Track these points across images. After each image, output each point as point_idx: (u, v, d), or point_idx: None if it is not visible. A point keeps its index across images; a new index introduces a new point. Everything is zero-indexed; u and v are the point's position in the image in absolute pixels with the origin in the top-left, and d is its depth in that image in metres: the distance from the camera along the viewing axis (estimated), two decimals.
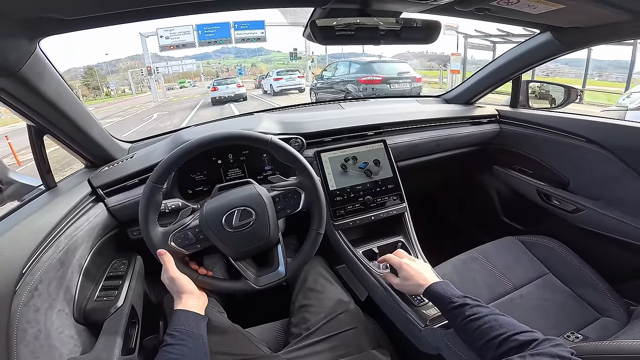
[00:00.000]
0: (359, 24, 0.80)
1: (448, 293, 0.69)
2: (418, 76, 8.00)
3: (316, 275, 0.98)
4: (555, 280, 1.05)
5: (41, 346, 0.61)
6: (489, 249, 1.17)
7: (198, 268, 0.83)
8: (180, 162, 0.78)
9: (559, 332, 0.87)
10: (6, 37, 0.56)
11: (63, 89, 0.78)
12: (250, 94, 17.49)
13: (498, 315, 0.62)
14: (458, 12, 0.82)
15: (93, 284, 0.83)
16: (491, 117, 1.49)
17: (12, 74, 0.62)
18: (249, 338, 0.83)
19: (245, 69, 54.85)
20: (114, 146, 1.10)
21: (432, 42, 0.89)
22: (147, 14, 0.64)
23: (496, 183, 1.61)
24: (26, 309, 0.60)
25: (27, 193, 0.86)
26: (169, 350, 0.61)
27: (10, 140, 6.86)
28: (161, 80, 28.29)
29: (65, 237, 0.75)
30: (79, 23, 0.60)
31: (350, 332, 0.83)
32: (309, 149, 1.12)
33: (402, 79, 7.73)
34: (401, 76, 7.78)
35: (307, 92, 12.75)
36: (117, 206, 0.94)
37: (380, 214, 1.11)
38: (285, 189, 0.87)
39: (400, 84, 7.66)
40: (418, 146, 1.32)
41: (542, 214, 1.38)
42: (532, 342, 0.54)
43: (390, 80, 7.60)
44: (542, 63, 1.27)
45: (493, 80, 1.43)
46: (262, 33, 18.84)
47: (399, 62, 8.64)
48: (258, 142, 0.83)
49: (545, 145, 1.33)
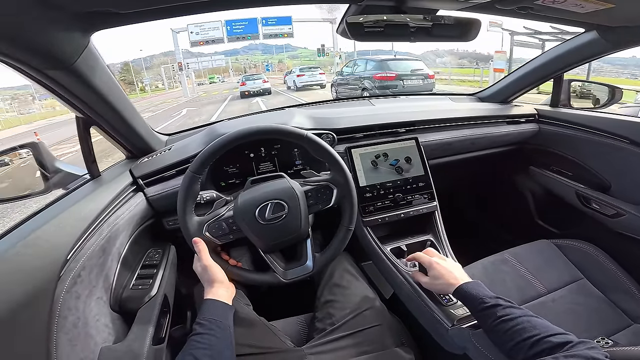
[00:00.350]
0: (387, 20, 0.80)
1: (480, 293, 0.68)
2: (431, 73, 8.43)
3: (342, 271, 0.99)
4: (590, 285, 1.02)
5: (79, 334, 0.62)
6: (521, 251, 1.14)
7: (228, 259, 0.85)
8: (219, 153, 0.81)
9: (589, 336, 0.84)
10: (63, 30, 0.58)
11: (112, 82, 0.81)
12: (279, 90, 17.93)
13: (531, 317, 0.60)
14: (499, 10, 0.80)
15: (129, 272, 0.85)
16: (530, 117, 1.44)
17: (67, 67, 0.64)
18: (274, 332, 0.84)
19: (273, 65, 55.38)
20: (154, 138, 1.14)
21: (470, 40, 0.87)
22: (196, 8, 0.66)
23: (532, 184, 1.56)
24: (68, 295, 0.61)
25: (72, 181, 0.90)
26: (197, 339, 0.62)
27: (39, 136, 7.19)
28: (192, 75, 29.10)
29: (107, 225, 0.77)
30: (131, 17, 0.61)
31: (375, 329, 0.83)
32: (339, 145, 1.12)
33: (415, 75, 8.18)
34: (414, 73, 8.21)
35: (328, 87, 13.17)
36: (155, 196, 0.97)
37: (409, 211, 1.10)
38: (317, 184, 0.88)
39: (413, 80, 8.10)
40: (452, 144, 1.30)
41: (580, 217, 1.32)
42: (566, 344, 0.52)
43: (403, 77, 8.04)
44: (586, 62, 1.22)
45: (533, 79, 1.38)
46: (290, 29, 19.07)
47: (413, 60, 9.07)
48: (294, 137, 0.85)
49: (587, 146, 1.27)
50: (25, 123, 22.19)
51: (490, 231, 1.82)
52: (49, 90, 0.70)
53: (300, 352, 0.78)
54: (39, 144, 0.87)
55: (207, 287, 0.75)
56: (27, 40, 0.54)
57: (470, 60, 27.26)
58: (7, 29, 0.49)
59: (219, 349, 0.62)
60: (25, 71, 0.61)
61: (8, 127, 20.94)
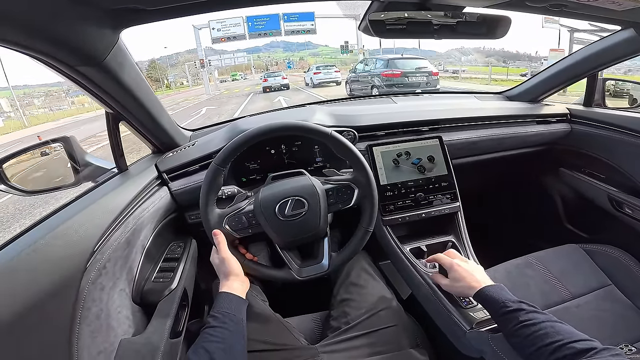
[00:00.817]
0: (409, 17, 0.78)
1: (502, 297, 0.66)
2: (435, 70, 9.20)
3: (360, 270, 0.98)
4: (617, 291, 0.98)
5: (100, 326, 0.63)
6: (547, 255, 1.10)
7: (245, 253, 0.86)
8: (243, 147, 0.82)
9: (613, 343, 0.80)
10: (94, 28, 0.60)
11: (140, 78, 0.83)
12: (299, 87, 18.55)
13: (555, 323, 0.58)
14: (529, 7, 0.77)
15: (152, 265, 0.86)
16: (561, 116, 1.39)
17: (98, 63, 0.66)
18: (288, 329, 0.84)
19: (294, 63, 55.60)
20: (179, 134, 1.16)
21: (498, 37, 0.84)
22: (220, 4, 0.66)
23: (561, 186, 1.50)
24: (93, 287, 0.62)
25: (101, 175, 0.92)
26: (210, 332, 0.63)
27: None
28: (215, 73, 29.58)
29: (133, 218, 0.78)
30: (157, 13, 0.62)
31: (390, 329, 0.82)
32: (361, 142, 1.12)
33: (419, 72, 8.94)
34: (418, 70, 8.97)
35: (343, 84, 13.68)
36: (179, 190, 1.00)
37: (431, 211, 1.08)
38: (339, 183, 0.87)
39: (417, 77, 8.89)
40: (477, 144, 1.26)
41: (611, 222, 1.26)
42: (589, 350, 0.50)
43: (408, 74, 8.86)
44: (623, 60, 1.15)
45: (565, 78, 1.33)
46: (312, 25, 18.93)
47: (419, 59, 9.85)
48: (319, 135, 0.85)
49: (622, 148, 1.21)
50: (52, 120, 22.79)
51: (516, 234, 1.76)
52: (81, 86, 0.72)
53: (313, 350, 0.78)
54: (71, 138, 0.90)
55: (222, 280, 0.76)
56: (60, 38, 0.55)
57: (498, 58, 26.27)
58: (41, 27, 0.51)
59: (231, 343, 0.63)
60: (59, 68, 0.63)
61: (35, 123, 21.45)
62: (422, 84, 8.77)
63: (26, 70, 38.36)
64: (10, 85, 36.24)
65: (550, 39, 13.00)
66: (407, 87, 8.69)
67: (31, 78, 59.12)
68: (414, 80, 8.81)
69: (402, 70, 8.88)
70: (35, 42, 0.53)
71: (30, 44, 0.53)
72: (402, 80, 8.78)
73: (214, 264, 0.80)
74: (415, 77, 8.86)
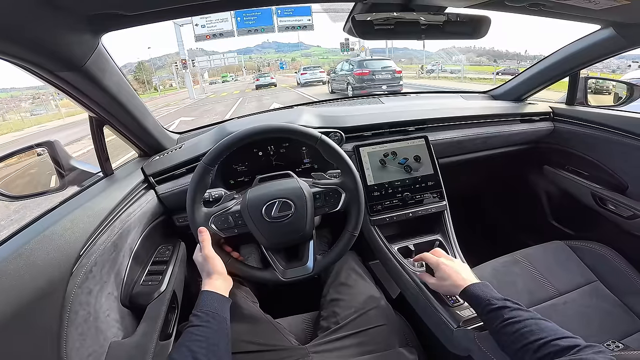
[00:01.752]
0: (398, 17, 0.78)
1: (487, 295, 0.67)
2: (398, 69, 10.83)
3: (349, 270, 0.98)
4: (603, 288, 0.99)
5: (89, 329, 0.63)
6: (533, 252, 1.11)
7: (231, 251, 0.86)
8: (233, 148, 0.81)
9: (600, 340, 0.82)
10: (72, 33, 0.59)
11: (123, 82, 0.82)
12: (290, 88, 19.14)
13: (539, 320, 0.59)
14: (509, 7, 0.78)
15: (140, 268, 0.86)
16: (544, 115, 1.41)
17: (77, 68, 0.66)
18: (279, 329, 0.84)
19: (287, 63, 55.55)
20: (165, 137, 1.15)
21: (481, 37, 0.86)
22: (202, 8, 0.66)
23: (546, 184, 1.52)
24: (80, 290, 0.62)
25: (86, 179, 0.91)
26: (192, 331, 0.62)
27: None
28: (205, 74, 29.38)
29: (119, 222, 0.78)
30: (138, 18, 0.62)
31: (379, 328, 0.82)
32: (347, 143, 1.12)
33: (385, 71, 10.53)
34: (384, 69, 10.55)
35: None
36: (166, 194, 0.99)
37: (418, 211, 1.09)
38: (326, 187, 0.88)
39: (383, 74, 10.47)
40: (462, 143, 1.27)
41: (595, 218, 1.29)
42: (573, 347, 0.51)
43: (375, 73, 10.42)
44: (603, 60, 1.18)
45: (547, 77, 1.35)
46: (309, 20, 18.04)
47: (385, 60, 11.56)
48: (308, 138, 0.85)
49: (604, 145, 1.23)
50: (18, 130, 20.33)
51: (503, 232, 1.79)
52: (62, 91, 0.71)
53: (304, 351, 0.78)
54: (55, 142, 0.89)
55: (205, 278, 0.75)
56: (38, 43, 0.55)
57: (489, 57, 26.42)
58: (18, 32, 0.50)
59: (215, 341, 0.63)
60: (38, 73, 0.62)
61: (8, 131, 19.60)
62: (387, 80, 10.43)
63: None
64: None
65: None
66: (374, 82, 10.29)
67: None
68: (380, 77, 10.43)
69: (370, 70, 10.43)
70: (12, 48, 0.53)
71: (6, 49, 0.52)
72: (370, 77, 10.36)
73: (197, 262, 0.79)
74: (381, 74, 10.46)
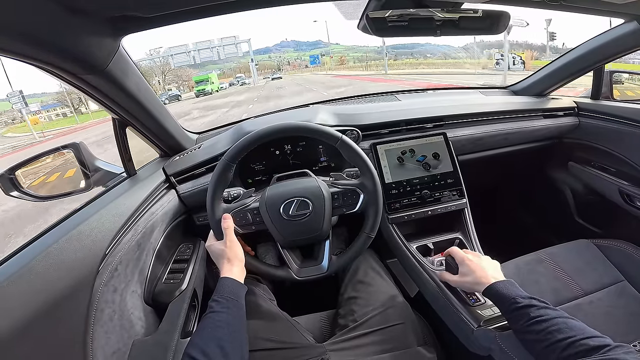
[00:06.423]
0: (412, 14, 0.77)
1: (512, 293, 0.65)
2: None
3: (367, 268, 0.98)
4: (631, 288, 0.95)
5: (114, 327, 0.64)
6: (558, 251, 1.08)
7: (245, 246, 0.87)
8: (253, 145, 0.82)
9: (625, 340, 0.79)
10: (94, 36, 0.61)
11: (143, 84, 0.84)
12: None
13: (567, 319, 0.57)
14: (527, 2, 0.76)
15: (162, 266, 0.88)
16: (568, 110, 1.37)
17: (100, 71, 0.67)
18: (296, 327, 0.85)
19: (319, 58, 53.79)
20: (185, 137, 1.17)
21: (500, 32, 0.83)
22: (219, 10, 0.67)
23: (571, 181, 1.47)
24: (106, 288, 0.64)
25: (111, 180, 0.94)
26: (213, 317, 0.62)
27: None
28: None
29: (143, 221, 0.80)
30: (157, 20, 0.63)
31: (397, 327, 0.82)
32: (364, 141, 1.12)
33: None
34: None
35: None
36: (187, 193, 1.01)
37: (437, 209, 1.07)
38: (345, 187, 0.88)
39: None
40: (482, 139, 1.25)
41: (623, 216, 1.24)
42: (602, 347, 0.50)
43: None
44: (628, 53, 1.13)
45: (570, 71, 1.31)
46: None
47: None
48: (329, 138, 0.85)
49: (632, 140, 1.18)
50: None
51: (525, 230, 1.74)
52: (86, 93, 0.73)
53: (321, 349, 0.78)
54: (80, 144, 0.92)
55: (224, 265, 0.75)
56: (62, 48, 0.56)
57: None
58: (43, 37, 0.52)
59: (237, 327, 0.63)
60: (63, 77, 0.64)
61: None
62: None
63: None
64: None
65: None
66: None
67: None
68: None
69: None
70: (39, 53, 0.55)
71: (34, 54, 0.54)
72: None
73: (213, 249, 0.79)
74: None
